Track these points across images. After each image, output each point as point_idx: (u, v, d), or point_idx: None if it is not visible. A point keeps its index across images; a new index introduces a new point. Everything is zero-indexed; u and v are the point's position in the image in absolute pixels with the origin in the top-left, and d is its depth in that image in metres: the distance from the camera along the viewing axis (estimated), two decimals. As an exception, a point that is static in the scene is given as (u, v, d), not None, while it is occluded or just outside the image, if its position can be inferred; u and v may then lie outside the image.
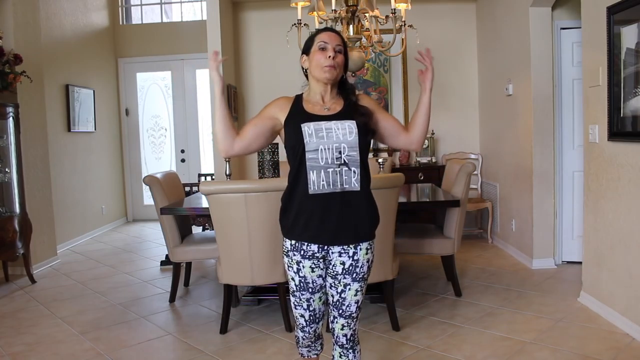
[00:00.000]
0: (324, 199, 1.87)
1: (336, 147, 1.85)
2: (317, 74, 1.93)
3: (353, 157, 1.86)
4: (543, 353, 2.89)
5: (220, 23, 5.57)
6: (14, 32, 4.72)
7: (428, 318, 3.48)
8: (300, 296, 2.01)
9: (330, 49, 1.90)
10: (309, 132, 1.85)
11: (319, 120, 1.88)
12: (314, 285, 1.99)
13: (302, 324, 2.07)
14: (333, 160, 1.85)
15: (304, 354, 2.23)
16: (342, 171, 1.85)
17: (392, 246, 3.24)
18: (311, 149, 1.85)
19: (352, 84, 2.03)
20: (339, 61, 1.92)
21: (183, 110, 7.73)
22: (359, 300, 1.98)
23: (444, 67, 6.17)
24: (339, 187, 1.86)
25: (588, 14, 3.48)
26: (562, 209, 4.56)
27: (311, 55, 1.95)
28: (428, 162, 6.01)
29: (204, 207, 3.56)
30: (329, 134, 1.85)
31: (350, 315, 1.99)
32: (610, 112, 3.22)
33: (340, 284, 1.96)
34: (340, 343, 2.02)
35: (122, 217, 7.74)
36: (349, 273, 1.95)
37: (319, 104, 1.95)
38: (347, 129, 1.86)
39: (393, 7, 3.67)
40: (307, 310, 2.03)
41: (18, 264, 4.74)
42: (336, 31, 1.99)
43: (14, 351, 3.16)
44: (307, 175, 1.86)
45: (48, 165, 5.27)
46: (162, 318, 3.69)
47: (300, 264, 1.96)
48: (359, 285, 1.96)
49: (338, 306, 1.98)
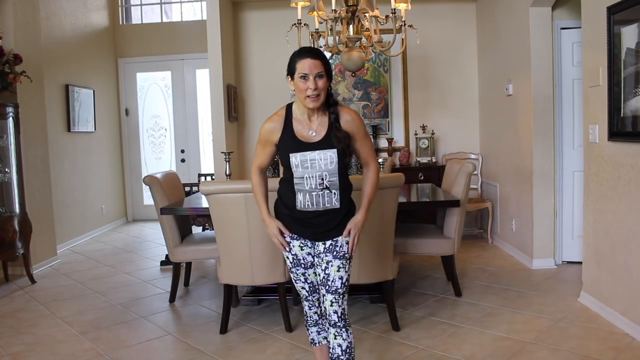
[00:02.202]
0: (309, 213, 2.17)
1: (319, 175, 2.12)
2: (303, 102, 2.09)
3: (333, 182, 2.13)
4: (543, 353, 2.89)
5: (220, 23, 5.57)
6: (14, 32, 4.72)
7: (428, 318, 3.48)
8: (296, 271, 2.29)
9: (311, 80, 2.03)
10: (295, 163, 2.11)
11: (305, 150, 2.11)
12: (305, 261, 2.26)
13: (305, 294, 2.33)
14: (317, 185, 2.12)
15: (314, 338, 2.40)
16: (324, 194, 2.13)
17: (392, 246, 3.24)
18: (298, 176, 2.13)
19: (336, 100, 2.16)
20: (321, 86, 2.05)
21: (183, 110, 7.73)
22: (342, 276, 2.19)
23: (444, 67, 6.18)
24: (321, 206, 2.15)
25: (588, 14, 3.48)
26: (562, 209, 4.56)
27: (295, 82, 2.07)
28: (428, 162, 6.01)
29: (204, 207, 3.57)
30: (312, 165, 2.11)
31: (336, 291, 2.18)
32: (611, 112, 3.22)
33: (323, 262, 2.20)
34: (333, 322, 2.19)
35: (122, 217, 7.74)
36: (330, 251, 2.19)
37: (307, 126, 2.14)
38: (329, 159, 2.11)
39: (393, 7, 3.66)
40: (305, 282, 2.30)
41: (18, 264, 4.74)
42: (316, 54, 2.06)
43: (14, 351, 3.16)
44: (296, 196, 2.16)
45: (48, 165, 5.27)
46: (162, 318, 3.69)
47: (291, 244, 2.25)
48: (340, 262, 2.19)
49: (324, 283, 2.20)
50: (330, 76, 2.10)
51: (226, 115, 5.72)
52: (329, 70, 2.08)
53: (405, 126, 6.26)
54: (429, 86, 6.21)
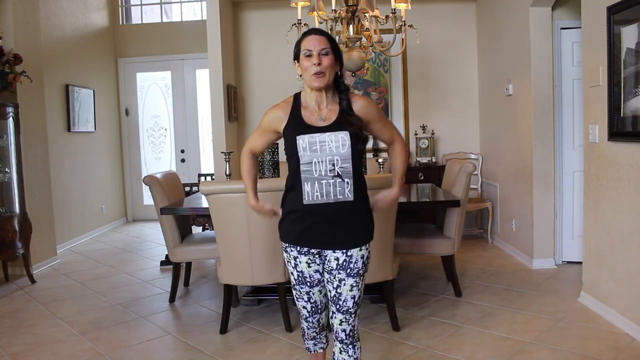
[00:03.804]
0: (318, 208, 1.93)
1: (329, 160, 1.90)
2: (308, 82, 1.96)
3: (346, 169, 1.91)
4: (543, 353, 2.89)
5: (220, 23, 5.57)
6: (14, 32, 4.72)
7: (428, 318, 3.48)
8: (300, 289, 2.10)
9: (315, 55, 1.91)
10: (302, 146, 1.91)
11: (314, 132, 1.92)
12: (312, 279, 2.06)
13: (305, 315, 2.16)
14: (327, 172, 1.90)
15: (310, 347, 2.29)
16: (335, 182, 1.91)
17: (392, 246, 3.24)
18: (305, 161, 1.91)
19: (346, 84, 2.05)
20: (326, 64, 1.92)
21: (183, 110, 7.73)
22: (355, 295, 2.01)
23: (444, 67, 6.18)
24: (332, 198, 1.92)
25: (588, 14, 3.48)
26: (562, 209, 4.56)
27: (300, 62, 1.97)
28: (428, 162, 6.01)
29: (204, 207, 3.56)
30: (322, 147, 1.90)
31: (347, 311, 2.02)
32: (611, 112, 3.22)
33: (336, 279, 2.00)
34: (340, 338, 2.06)
35: (122, 217, 7.73)
36: (343, 268, 1.99)
37: (316, 112, 1.98)
38: (341, 141, 1.90)
39: (393, 7, 3.66)
40: (308, 302, 2.11)
41: (18, 264, 4.74)
42: (321, 32, 1.98)
43: (14, 351, 3.16)
44: (302, 186, 1.93)
45: (48, 165, 5.27)
46: (162, 318, 3.69)
47: (297, 260, 2.04)
48: (354, 281, 2.00)
49: (335, 301, 2.03)
50: (340, 59, 1.98)
51: (226, 115, 5.72)
52: (336, 50, 1.96)
53: (405, 126, 6.25)
54: (429, 86, 6.21)
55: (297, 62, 1.99)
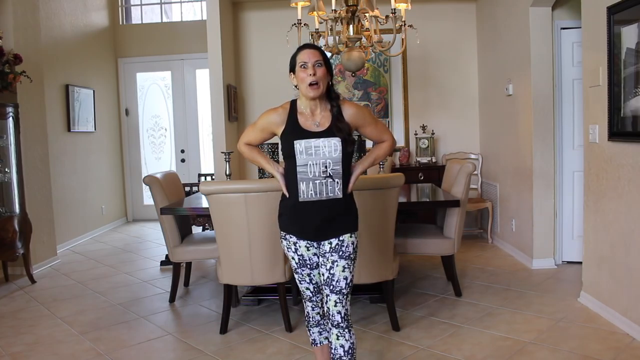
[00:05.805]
0: (312, 205, 2.18)
1: (322, 163, 2.15)
2: (304, 92, 2.16)
3: (337, 170, 2.16)
4: (543, 353, 2.89)
5: (220, 23, 5.57)
6: (14, 32, 4.72)
7: (428, 318, 3.48)
8: (302, 272, 2.29)
9: (310, 66, 2.13)
10: (299, 150, 2.14)
11: (310, 138, 2.15)
12: (311, 262, 2.27)
13: (309, 295, 2.34)
14: (320, 173, 2.15)
15: (315, 339, 2.41)
16: (327, 182, 2.16)
17: (392, 246, 3.24)
18: (301, 164, 2.15)
19: (337, 92, 2.26)
20: (320, 75, 2.13)
21: (183, 110, 7.73)
22: (347, 277, 2.21)
23: (444, 67, 6.18)
24: (324, 195, 2.17)
25: (588, 14, 3.48)
26: (562, 209, 4.56)
27: (296, 73, 2.18)
28: (428, 162, 6.01)
29: (204, 207, 3.57)
30: (317, 152, 2.15)
31: (340, 291, 2.20)
32: (611, 112, 3.22)
33: (329, 261, 2.21)
34: (336, 322, 2.20)
35: (122, 217, 7.73)
36: (336, 251, 2.21)
37: (311, 118, 2.20)
38: (333, 146, 2.15)
39: (393, 7, 3.66)
40: (310, 283, 2.30)
41: (18, 264, 4.74)
42: (314, 47, 2.21)
43: (14, 351, 3.16)
44: (298, 185, 2.17)
45: (48, 165, 5.27)
46: (162, 318, 3.69)
47: (297, 244, 2.26)
48: (345, 263, 2.21)
49: (329, 282, 2.21)
50: (331, 71, 2.19)
51: (226, 115, 5.72)
52: (327, 63, 2.17)
53: (405, 126, 6.26)
54: (429, 86, 6.21)
55: (293, 74, 2.20)
